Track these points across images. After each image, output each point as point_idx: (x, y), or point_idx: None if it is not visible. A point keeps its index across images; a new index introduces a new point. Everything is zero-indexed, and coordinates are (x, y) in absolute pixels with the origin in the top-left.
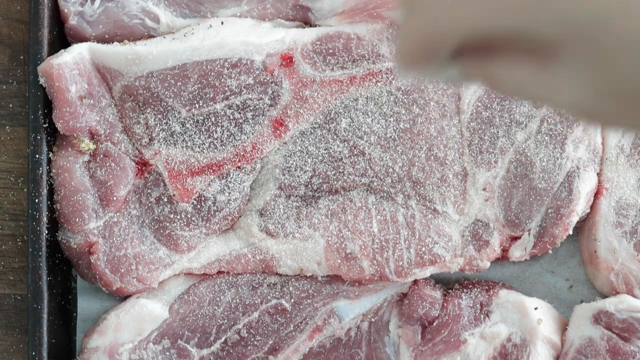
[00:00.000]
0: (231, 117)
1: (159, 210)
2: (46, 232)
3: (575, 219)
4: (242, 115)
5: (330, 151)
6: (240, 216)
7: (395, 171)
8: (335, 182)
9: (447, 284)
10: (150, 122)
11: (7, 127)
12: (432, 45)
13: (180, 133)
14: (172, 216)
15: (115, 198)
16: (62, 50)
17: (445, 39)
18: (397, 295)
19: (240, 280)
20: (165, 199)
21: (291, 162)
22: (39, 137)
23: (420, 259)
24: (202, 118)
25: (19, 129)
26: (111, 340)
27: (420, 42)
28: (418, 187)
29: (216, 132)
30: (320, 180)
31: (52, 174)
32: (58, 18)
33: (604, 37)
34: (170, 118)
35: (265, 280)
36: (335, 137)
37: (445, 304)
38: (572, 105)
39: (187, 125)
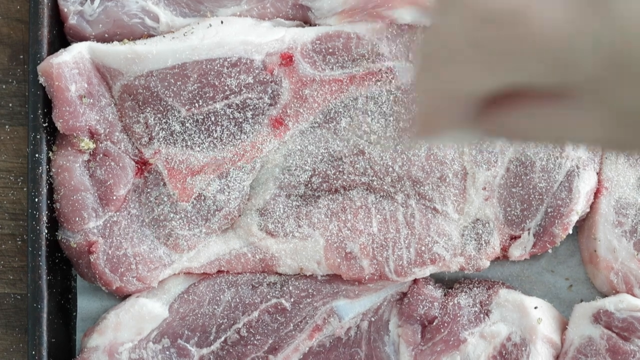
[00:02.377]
0: (231, 117)
1: (159, 210)
2: (46, 231)
3: (575, 218)
4: (241, 114)
5: (330, 150)
6: (240, 215)
7: (395, 170)
8: (335, 182)
9: (447, 283)
10: (150, 121)
11: (6, 127)
12: (452, 109)
13: (180, 132)
14: (172, 215)
15: (115, 197)
16: (62, 50)
17: (464, 101)
18: (396, 294)
19: (240, 280)
20: (165, 198)
21: (291, 161)
22: (38, 137)
23: (420, 258)
24: (202, 117)
25: (19, 128)
26: (111, 339)
27: (439, 108)
28: (418, 186)
29: (216, 131)
30: (320, 180)
31: (51, 173)
32: (58, 17)
33: (616, 76)
34: (170, 117)
35: (265, 280)
36: (335, 136)
37: (445, 304)
38: (599, 140)
39: (187, 125)
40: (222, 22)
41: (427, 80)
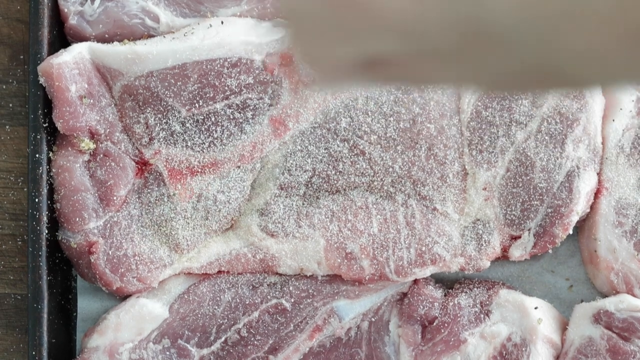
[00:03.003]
0: (231, 117)
1: (159, 210)
2: (46, 231)
3: (575, 218)
4: (242, 114)
5: (330, 151)
6: (240, 216)
7: (395, 171)
8: (335, 182)
9: (447, 283)
10: (150, 121)
11: (7, 127)
12: (330, 70)
13: (181, 133)
14: (172, 216)
15: (115, 198)
16: (62, 50)
17: (341, 63)
18: (397, 294)
19: (240, 280)
20: (166, 199)
21: (291, 161)
22: (39, 137)
23: (420, 258)
24: (202, 118)
25: (19, 128)
26: (111, 339)
27: (320, 65)
28: (418, 186)
29: (216, 131)
30: (320, 180)
31: (52, 174)
32: (58, 18)
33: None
34: (170, 118)
35: (265, 280)
36: (335, 136)
37: (445, 304)
38: (466, 83)
39: (187, 125)
40: (222, 23)
41: (299, 47)
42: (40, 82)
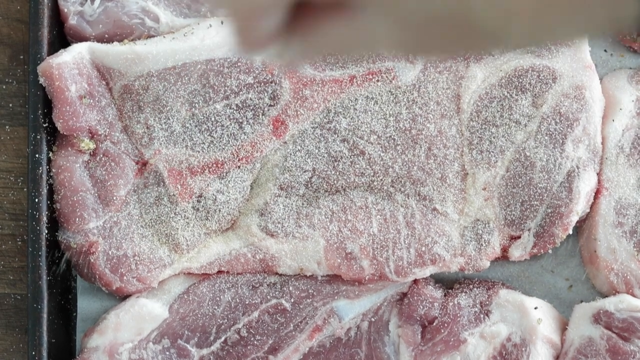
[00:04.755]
0: (231, 117)
1: (159, 210)
2: (46, 231)
3: (575, 218)
4: (242, 114)
5: (330, 151)
6: (240, 216)
7: (395, 171)
8: (335, 182)
9: (447, 283)
10: (150, 121)
11: (7, 127)
12: (259, 21)
13: (180, 133)
14: (172, 216)
15: (115, 198)
16: (62, 50)
17: (264, 13)
18: (397, 294)
19: (240, 280)
20: (165, 199)
21: (291, 161)
22: (38, 137)
23: (420, 258)
24: (202, 118)
25: (19, 128)
26: (111, 339)
27: (247, 19)
28: (418, 186)
29: (216, 131)
30: (320, 180)
31: (52, 174)
32: (58, 18)
33: None
34: (170, 118)
35: (265, 280)
36: (335, 136)
37: (445, 304)
38: (392, 47)
39: (187, 125)
40: (222, 23)
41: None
42: (40, 82)
